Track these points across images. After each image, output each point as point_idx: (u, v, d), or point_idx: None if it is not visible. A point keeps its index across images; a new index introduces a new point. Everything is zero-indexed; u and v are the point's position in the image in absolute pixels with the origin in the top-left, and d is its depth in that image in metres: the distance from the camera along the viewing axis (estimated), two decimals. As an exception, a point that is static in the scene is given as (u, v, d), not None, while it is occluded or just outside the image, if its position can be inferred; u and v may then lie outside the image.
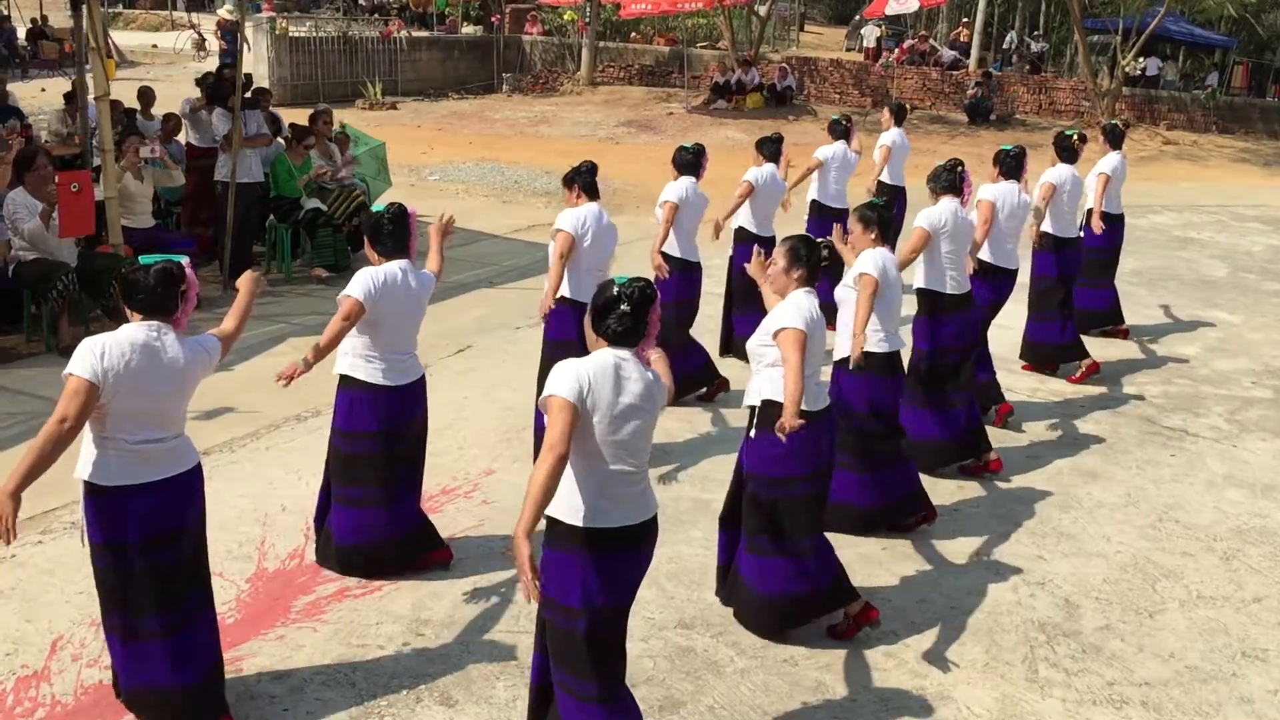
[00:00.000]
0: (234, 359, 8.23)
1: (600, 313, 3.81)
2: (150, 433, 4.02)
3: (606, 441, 3.74)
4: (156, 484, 4.04)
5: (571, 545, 3.78)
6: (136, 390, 3.93)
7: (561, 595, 3.80)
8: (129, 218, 9.22)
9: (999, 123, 23.51)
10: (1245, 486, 6.94)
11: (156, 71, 22.20)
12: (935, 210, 6.68)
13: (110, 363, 3.87)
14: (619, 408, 3.74)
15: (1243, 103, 25.08)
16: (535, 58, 28.69)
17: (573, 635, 3.81)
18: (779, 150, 8.61)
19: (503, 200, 14.72)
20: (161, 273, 3.99)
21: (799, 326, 4.69)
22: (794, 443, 4.70)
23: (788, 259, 4.89)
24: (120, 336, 3.96)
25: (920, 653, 5.04)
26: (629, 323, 3.77)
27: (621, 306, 3.76)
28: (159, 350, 3.98)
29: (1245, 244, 14.30)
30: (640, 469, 3.87)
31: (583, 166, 6.67)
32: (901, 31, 32.60)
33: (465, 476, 6.61)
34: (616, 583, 3.85)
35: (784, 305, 4.83)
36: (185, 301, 4.07)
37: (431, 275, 5.41)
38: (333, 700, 4.52)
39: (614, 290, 3.78)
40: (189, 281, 4.07)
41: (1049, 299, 8.57)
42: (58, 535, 5.73)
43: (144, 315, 4.02)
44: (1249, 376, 9.04)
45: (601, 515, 3.76)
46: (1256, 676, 4.99)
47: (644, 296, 3.78)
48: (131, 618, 4.15)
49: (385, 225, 5.19)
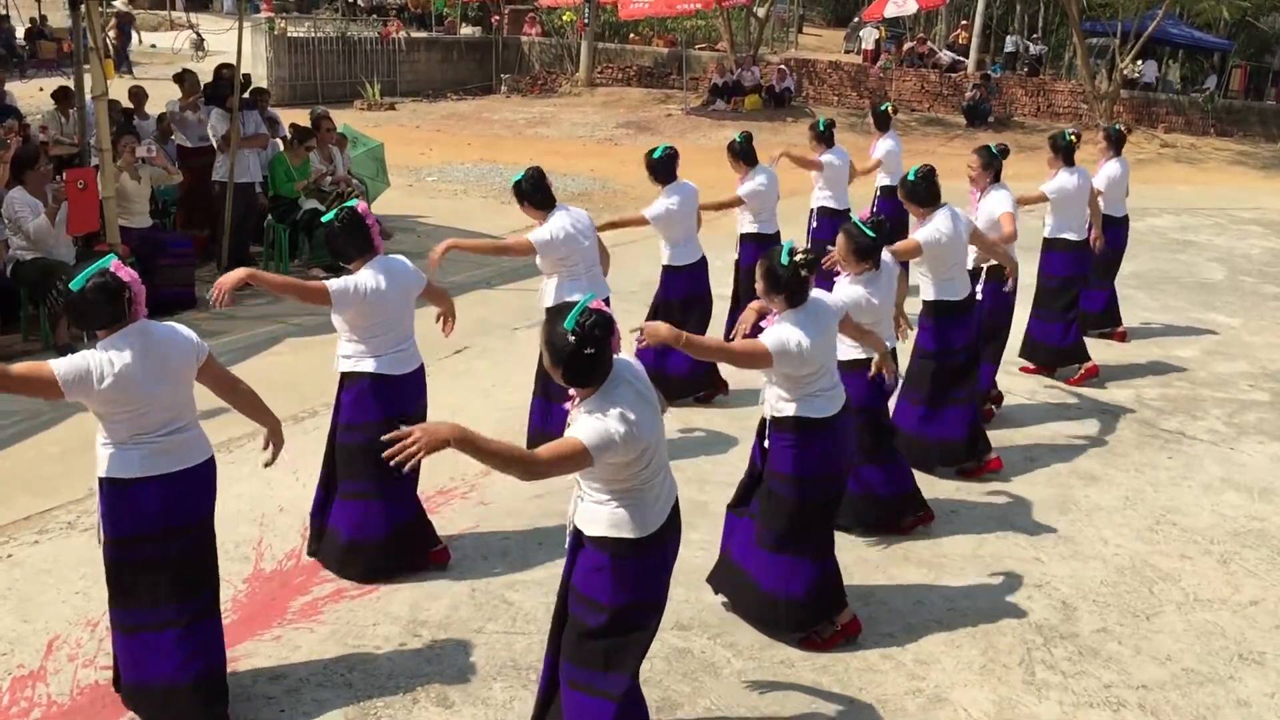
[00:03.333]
0: (232, 359, 8.23)
1: (571, 366, 3.57)
2: (168, 425, 4.06)
3: (648, 454, 3.71)
4: (177, 474, 4.08)
5: (624, 552, 3.77)
6: (138, 397, 3.94)
7: (597, 592, 3.80)
8: (126, 217, 9.22)
9: (997, 125, 23.54)
10: (1243, 489, 6.94)
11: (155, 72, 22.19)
12: (930, 228, 6.46)
13: (103, 381, 3.86)
14: (651, 418, 3.72)
15: (1241, 106, 25.13)
16: (534, 59, 28.70)
17: (636, 631, 3.85)
18: (752, 149, 8.43)
19: (501, 201, 14.72)
20: (98, 289, 3.88)
21: (767, 344, 4.61)
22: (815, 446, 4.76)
23: (766, 283, 4.70)
24: (106, 355, 3.92)
25: (917, 654, 5.04)
26: (600, 359, 3.60)
27: (587, 351, 3.54)
28: (148, 351, 3.97)
29: (1243, 247, 14.31)
30: (666, 465, 3.91)
31: (523, 182, 6.32)
32: (900, 34, 32.61)
33: (463, 477, 6.60)
34: (662, 574, 3.90)
35: (772, 332, 4.70)
36: (135, 304, 3.99)
37: (405, 260, 5.35)
38: (329, 700, 4.52)
39: (570, 339, 3.53)
40: (127, 282, 3.95)
41: (1054, 300, 8.54)
42: (54, 535, 5.72)
43: (107, 331, 3.98)
44: (1247, 379, 9.04)
45: (651, 521, 3.78)
46: (1253, 679, 4.99)
47: (602, 329, 3.56)
48: (149, 609, 4.17)
49: (338, 232, 5.11)
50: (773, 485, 4.93)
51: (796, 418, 4.79)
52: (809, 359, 4.66)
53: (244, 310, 9.51)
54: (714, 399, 7.88)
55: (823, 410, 4.81)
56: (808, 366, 4.69)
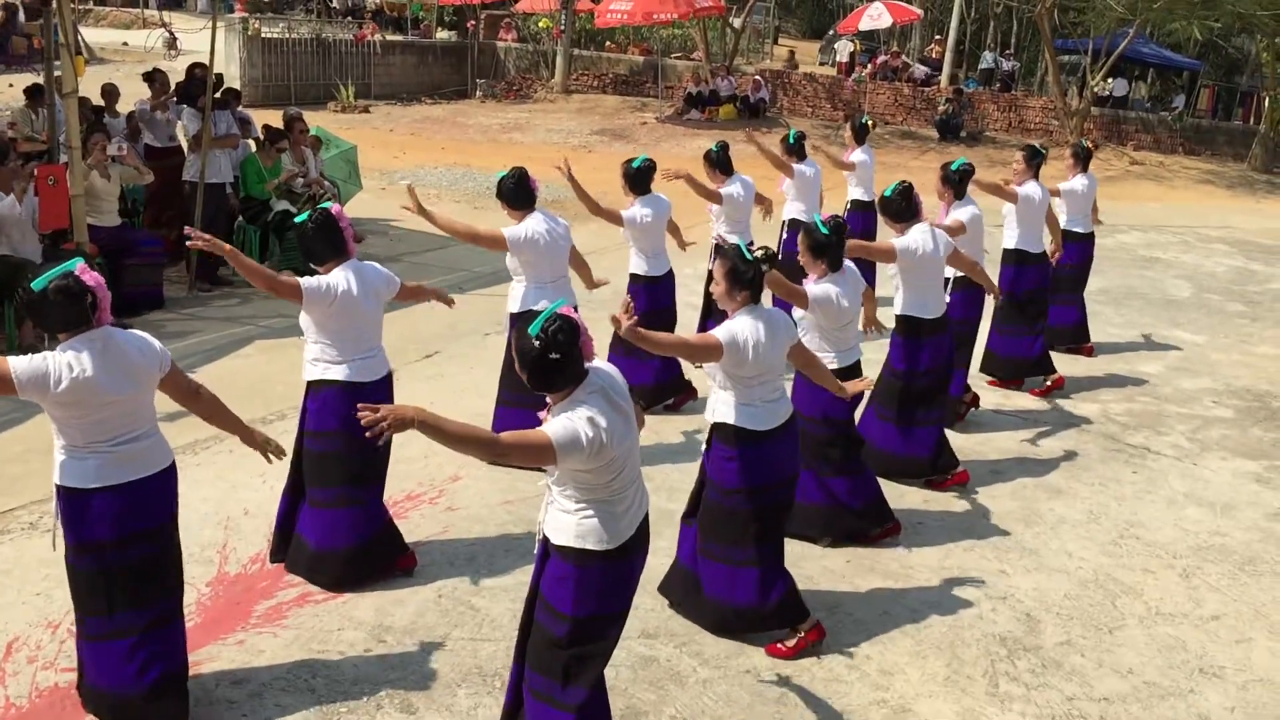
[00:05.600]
0: (199, 360, 8.17)
1: (537, 371, 3.59)
2: (124, 433, 4.01)
3: (617, 464, 3.73)
4: (134, 484, 4.04)
5: (590, 563, 3.78)
6: (97, 401, 3.90)
7: (563, 604, 3.81)
8: (95, 216, 9.13)
9: (969, 139, 23.70)
10: (1205, 505, 7.01)
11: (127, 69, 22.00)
12: (909, 239, 6.56)
13: (60, 384, 3.81)
14: (624, 429, 3.73)
15: (1209, 125, 25.40)
16: (509, 64, 28.67)
17: (599, 642, 3.88)
18: (729, 159, 8.58)
19: (474, 206, 14.70)
20: (60, 290, 3.82)
21: (719, 336, 4.67)
22: (749, 457, 4.79)
23: (727, 282, 4.73)
24: (66, 358, 3.86)
25: (881, 665, 5.06)
26: (566, 365, 3.60)
27: (552, 356, 3.54)
28: (108, 355, 3.92)
29: (1209, 265, 14.47)
30: (638, 478, 3.93)
31: (506, 182, 6.48)
32: (875, 47, 32.79)
33: (431, 482, 6.58)
34: (628, 587, 3.93)
35: (725, 324, 4.76)
36: (99, 309, 3.93)
37: (377, 265, 5.37)
38: (292, 706, 4.49)
39: (535, 344, 3.54)
40: (91, 287, 3.89)
41: (1016, 314, 8.61)
42: (15, 536, 5.66)
43: (68, 334, 3.93)
44: (1211, 396, 9.13)
45: (619, 534, 3.79)
46: (1214, 694, 5.03)
47: (567, 335, 3.56)
48: (108, 615, 4.13)
49: (311, 234, 5.13)
50: (709, 494, 4.96)
51: (736, 428, 4.82)
52: (757, 359, 4.70)
53: (212, 312, 9.44)
54: (684, 405, 7.89)
55: (763, 422, 4.83)
56: (754, 367, 4.72)
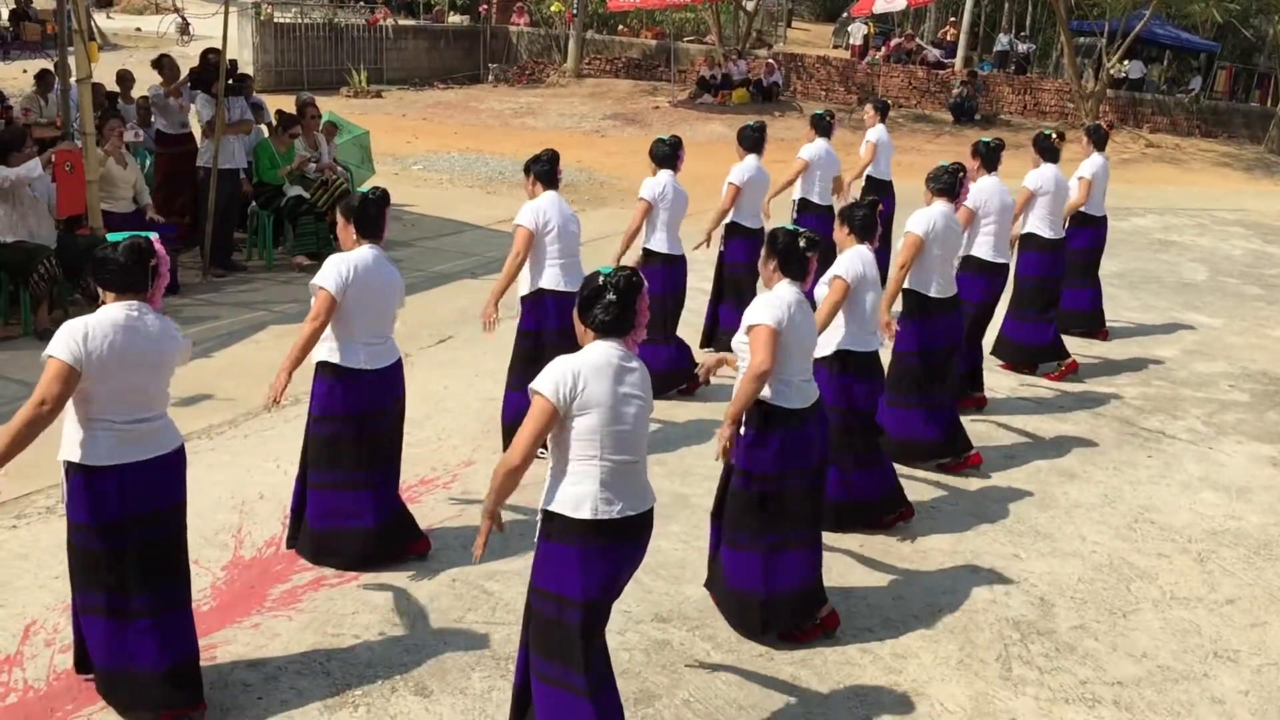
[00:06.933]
0: (213, 346, 8.21)
1: (587, 303, 3.82)
2: (138, 413, 4.04)
3: (607, 432, 3.75)
4: (145, 463, 4.06)
5: (572, 537, 3.79)
6: (121, 371, 3.93)
7: (557, 585, 3.81)
8: (110, 202, 9.16)
9: (984, 122, 23.58)
10: (1221, 489, 6.98)
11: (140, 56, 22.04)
12: (927, 213, 6.64)
13: (93, 345, 3.87)
14: (617, 397, 3.76)
15: (1226, 107, 25.22)
16: (521, 49, 28.59)
17: (564, 625, 3.82)
18: (762, 140, 8.61)
19: (486, 191, 14.68)
20: (130, 248, 3.97)
21: (768, 323, 4.68)
22: (778, 440, 4.74)
23: (767, 248, 4.91)
24: (101, 318, 3.94)
25: (895, 649, 5.06)
26: (615, 312, 3.78)
27: (608, 296, 3.77)
28: (139, 329, 3.98)
29: (1226, 248, 14.39)
30: (639, 459, 3.90)
31: (543, 155, 6.69)
32: (889, 29, 32.63)
33: (444, 467, 6.59)
34: (614, 574, 3.88)
35: (760, 299, 4.82)
36: (158, 277, 4.06)
37: (399, 276, 5.44)
38: (307, 689, 4.51)
39: (599, 280, 3.80)
40: (159, 256, 4.05)
41: (1031, 299, 8.59)
42: (32, 520, 5.69)
43: (118, 294, 4.00)
44: (1227, 380, 9.09)
45: (604, 506, 3.78)
46: (1228, 677, 5.02)
47: (630, 285, 3.79)
48: (118, 597, 4.14)
49: (369, 207, 5.23)
50: (735, 480, 4.95)
51: (767, 404, 4.80)
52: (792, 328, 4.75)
53: (226, 297, 9.47)
54: (696, 390, 7.89)
55: (792, 401, 4.82)
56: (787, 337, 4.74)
